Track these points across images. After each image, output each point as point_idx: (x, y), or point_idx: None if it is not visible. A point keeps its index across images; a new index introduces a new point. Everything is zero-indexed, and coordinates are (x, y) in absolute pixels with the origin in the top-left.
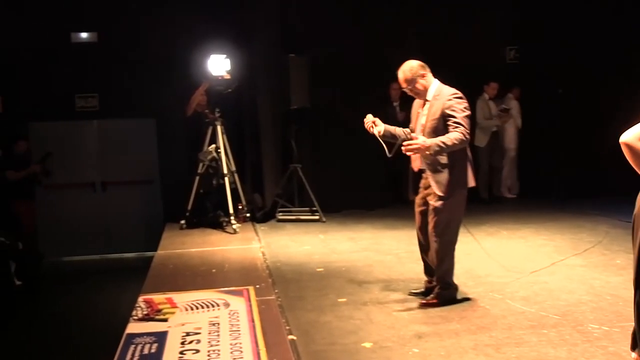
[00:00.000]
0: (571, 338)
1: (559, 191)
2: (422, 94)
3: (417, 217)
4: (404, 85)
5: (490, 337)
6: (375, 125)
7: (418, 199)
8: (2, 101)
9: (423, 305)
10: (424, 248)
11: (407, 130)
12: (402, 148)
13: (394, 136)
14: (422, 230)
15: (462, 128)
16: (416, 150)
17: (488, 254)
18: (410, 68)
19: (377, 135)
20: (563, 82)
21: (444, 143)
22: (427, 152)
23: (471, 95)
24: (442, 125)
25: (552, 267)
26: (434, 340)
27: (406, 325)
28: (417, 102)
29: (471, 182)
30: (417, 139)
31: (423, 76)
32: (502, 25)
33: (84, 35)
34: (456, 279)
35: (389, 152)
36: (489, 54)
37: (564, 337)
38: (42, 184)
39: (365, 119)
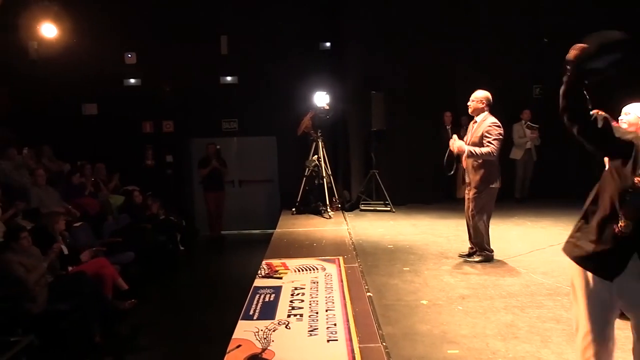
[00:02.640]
0: None
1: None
2: (476, 113)
3: (466, 202)
4: (472, 99)
5: (517, 300)
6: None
7: (464, 189)
8: (174, 124)
9: (468, 262)
10: (469, 225)
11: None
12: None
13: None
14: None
15: (492, 146)
16: (458, 150)
17: None
18: (482, 94)
19: (452, 151)
20: None
21: (474, 151)
22: (463, 154)
23: (509, 120)
24: (480, 142)
25: None
26: (474, 301)
27: (453, 288)
28: (470, 124)
29: (496, 184)
30: (458, 142)
31: (481, 103)
32: (531, 68)
33: (228, 78)
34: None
35: (449, 171)
36: (520, 90)
37: None
38: (225, 177)
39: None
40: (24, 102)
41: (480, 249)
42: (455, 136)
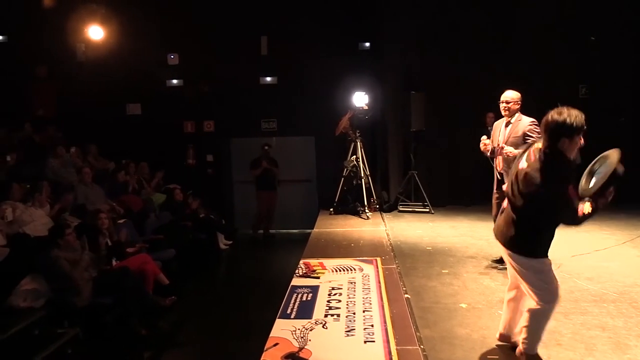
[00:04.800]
0: (627, 312)
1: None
2: (511, 114)
3: (494, 207)
4: (506, 102)
5: (560, 306)
6: (488, 146)
7: (496, 194)
8: (214, 123)
9: (502, 269)
10: None
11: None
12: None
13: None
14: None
15: None
16: (506, 154)
17: None
18: (515, 94)
19: (488, 154)
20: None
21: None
22: (506, 154)
23: None
24: (520, 141)
25: (612, 254)
26: None
27: (493, 292)
28: (498, 124)
29: None
30: (508, 148)
31: (516, 103)
32: (577, 67)
33: (268, 78)
34: None
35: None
36: (565, 90)
37: (621, 311)
38: (277, 177)
39: (483, 139)
40: (72, 103)
41: None
42: (484, 138)
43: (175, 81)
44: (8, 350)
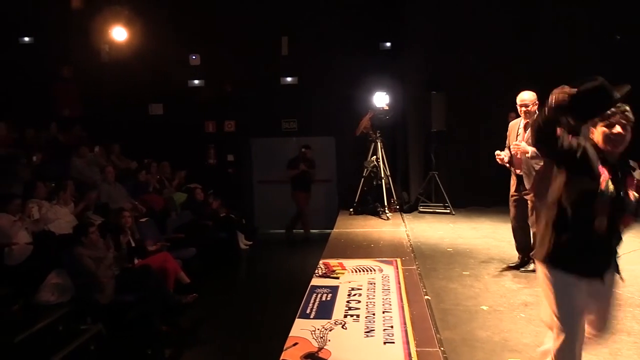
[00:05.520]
0: None
1: None
2: (529, 116)
3: (512, 209)
4: (524, 105)
5: None
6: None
7: (514, 195)
8: (235, 123)
9: (522, 271)
10: (516, 232)
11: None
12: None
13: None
14: (516, 219)
15: None
16: (521, 150)
17: None
18: (532, 95)
19: (506, 163)
20: None
21: (536, 152)
22: (527, 155)
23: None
24: None
25: (638, 257)
26: (538, 308)
27: (515, 295)
28: (514, 125)
29: None
30: (522, 144)
31: (535, 104)
32: (600, 67)
33: (288, 79)
34: None
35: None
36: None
37: None
38: (313, 178)
39: (497, 154)
40: (96, 103)
41: None
42: (497, 153)
43: (196, 81)
44: (33, 345)
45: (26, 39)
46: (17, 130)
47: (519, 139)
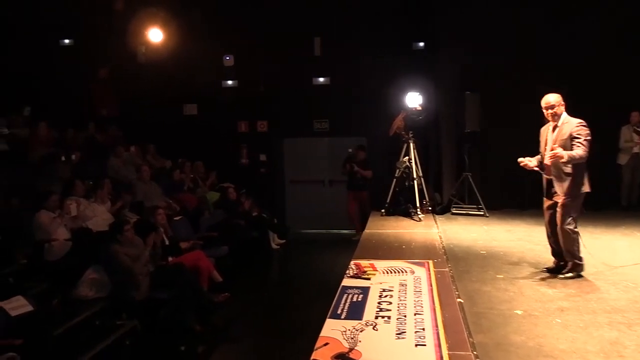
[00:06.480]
0: None
1: None
2: (557, 118)
3: (545, 213)
4: (551, 107)
5: (623, 317)
6: (529, 162)
7: (547, 201)
8: (268, 124)
9: (561, 278)
10: (550, 236)
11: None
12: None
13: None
14: (550, 224)
15: (583, 147)
16: (556, 157)
17: (590, 253)
18: (557, 97)
19: (535, 168)
20: None
21: (571, 156)
22: (562, 160)
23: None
24: (569, 143)
25: None
26: (574, 314)
27: (551, 299)
28: (544, 129)
29: (586, 188)
30: (557, 149)
31: (561, 105)
32: None
33: (321, 79)
34: (593, 268)
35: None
36: (629, 90)
37: None
38: (366, 179)
39: (520, 162)
40: (132, 103)
41: (572, 256)
42: (520, 160)
43: (230, 82)
44: (72, 338)
45: (66, 41)
46: (57, 130)
47: (549, 145)
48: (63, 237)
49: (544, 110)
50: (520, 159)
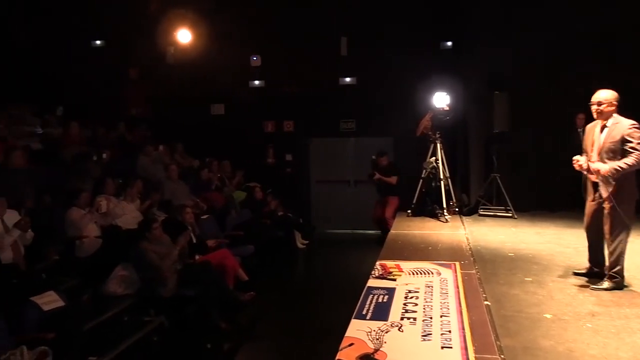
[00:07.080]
0: None
1: None
2: (605, 117)
3: (588, 218)
4: (598, 103)
5: None
6: (583, 164)
7: (590, 204)
8: (294, 124)
9: (594, 289)
10: (591, 242)
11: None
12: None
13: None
14: (591, 229)
15: (637, 153)
16: (595, 170)
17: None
18: (611, 93)
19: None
20: None
21: (620, 167)
22: (601, 172)
23: None
24: (619, 147)
25: None
26: (606, 319)
27: (581, 304)
28: (591, 127)
29: (638, 194)
30: (596, 164)
31: (611, 105)
32: None
33: (347, 79)
34: (627, 273)
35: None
36: None
37: None
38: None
39: (575, 161)
40: (161, 103)
41: (614, 274)
42: (575, 159)
43: (257, 82)
44: (101, 334)
45: (97, 42)
46: (88, 130)
47: (596, 145)
48: (93, 234)
49: (591, 106)
50: (575, 157)
